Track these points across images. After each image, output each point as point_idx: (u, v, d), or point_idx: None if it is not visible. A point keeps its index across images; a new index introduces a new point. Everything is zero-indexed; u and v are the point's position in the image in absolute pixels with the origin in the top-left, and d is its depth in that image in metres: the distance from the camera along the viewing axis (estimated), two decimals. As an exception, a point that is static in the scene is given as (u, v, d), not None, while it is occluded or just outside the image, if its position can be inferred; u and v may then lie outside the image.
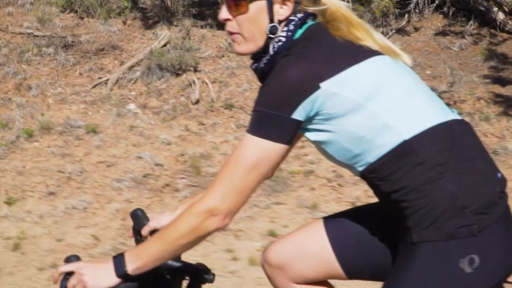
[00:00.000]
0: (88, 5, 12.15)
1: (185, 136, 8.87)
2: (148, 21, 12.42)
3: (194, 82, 10.14)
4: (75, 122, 8.94)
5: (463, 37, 10.67)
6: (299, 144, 2.36)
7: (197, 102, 9.80)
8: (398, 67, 2.39)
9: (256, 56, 2.45)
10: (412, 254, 2.31)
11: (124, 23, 12.32)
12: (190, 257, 6.61)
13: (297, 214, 7.12)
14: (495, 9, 10.43)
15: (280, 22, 2.35)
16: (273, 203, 7.28)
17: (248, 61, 9.98)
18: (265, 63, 2.39)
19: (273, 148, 2.21)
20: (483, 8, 10.60)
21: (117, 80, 10.43)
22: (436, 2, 10.94)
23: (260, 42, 2.37)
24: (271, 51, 2.37)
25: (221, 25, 11.26)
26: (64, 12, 12.53)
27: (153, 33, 11.81)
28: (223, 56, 10.96)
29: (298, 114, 2.22)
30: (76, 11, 12.42)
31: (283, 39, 2.34)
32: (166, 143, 8.58)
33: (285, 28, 2.34)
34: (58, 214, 7.24)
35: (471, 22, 10.67)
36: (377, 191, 2.46)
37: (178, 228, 2.28)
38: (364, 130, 2.27)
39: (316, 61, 2.23)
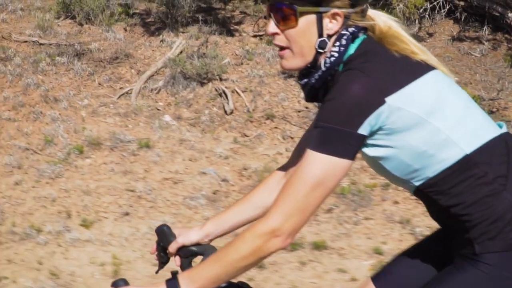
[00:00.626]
0: (89, 11, 11.69)
1: (236, 148, 8.72)
2: (150, 27, 12.12)
3: (224, 92, 9.94)
4: (124, 137, 8.64)
5: (480, 42, 10.88)
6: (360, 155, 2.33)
7: (231, 112, 9.62)
8: (450, 81, 2.40)
9: (304, 71, 2.38)
10: (472, 264, 2.32)
11: (125, 29, 11.97)
12: (299, 278, 6.54)
13: (390, 230, 7.10)
14: (511, 14, 10.65)
15: (329, 36, 2.30)
16: (362, 219, 7.24)
17: (272, 69, 9.93)
18: (316, 79, 2.34)
19: (339, 164, 2.17)
20: (497, 14, 10.82)
21: (139, 90, 10.12)
22: (447, 7, 11.04)
23: (309, 57, 2.32)
24: (322, 67, 2.32)
25: (230, 31, 11.15)
26: (58, 18, 12.06)
27: (161, 40, 11.51)
28: (242, 63, 10.80)
29: (364, 129, 2.18)
30: (73, 17, 11.96)
31: (336, 54, 2.30)
32: (223, 157, 8.40)
33: (337, 43, 2.30)
34: (145, 236, 6.97)
35: (485, 27, 10.87)
36: (433, 206, 2.44)
37: (239, 249, 2.21)
38: (426, 145, 2.26)
39: (380, 76, 2.19)
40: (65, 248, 6.81)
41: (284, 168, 2.69)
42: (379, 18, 2.37)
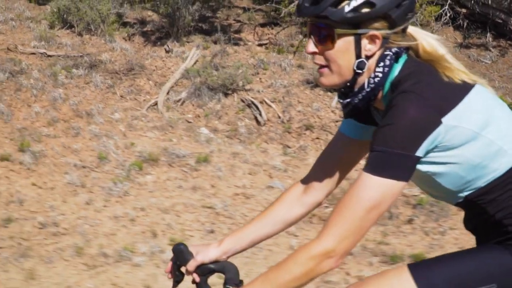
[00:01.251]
0: (89, 21, 11.39)
1: (288, 161, 8.73)
2: (150, 37, 11.93)
3: (252, 102, 9.91)
4: (179, 152, 8.49)
5: (487, 49, 11.25)
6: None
7: (264, 123, 9.61)
8: (492, 93, 2.46)
9: (344, 90, 2.41)
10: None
11: (125, 39, 11.74)
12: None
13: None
14: (514, 20, 11.11)
15: (367, 57, 2.31)
16: (448, 229, 7.38)
17: (293, 78, 10.00)
18: (360, 99, 2.37)
19: (396, 187, 2.20)
20: (500, 20, 11.23)
21: (163, 102, 9.98)
22: (448, 14, 11.38)
23: (347, 77, 2.33)
24: (366, 87, 2.35)
25: (234, 41, 11.13)
26: (53, 28, 11.69)
27: (167, 51, 11.35)
28: (257, 73, 10.80)
29: (421, 151, 2.21)
30: (70, 27, 11.63)
31: (380, 74, 2.32)
32: (282, 170, 8.40)
33: (381, 63, 2.32)
34: (243, 254, 6.87)
35: (488, 34, 11.25)
36: (478, 214, 2.48)
37: (291, 270, 2.22)
38: (481, 157, 2.31)
39: (434, 97, 2.23)
40: (164, 269, 6.63)
41: (305, 182, 2.68)
42: (421, 37, 2.39)
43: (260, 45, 11.82)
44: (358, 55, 2.28)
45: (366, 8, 2.22)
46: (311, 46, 2.32)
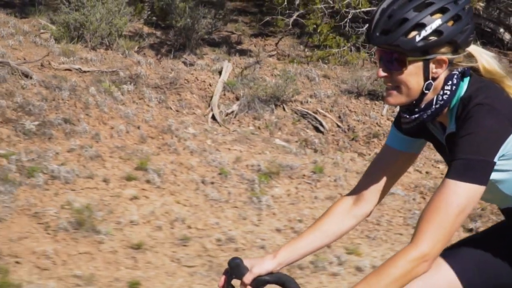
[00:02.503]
0: (104, 35, 11.10)
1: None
2: (160, 50, 11.82)
3: (307, 113, 10.19)
4: (292, 163, 8.63)
5: (475, 57, 12.22)
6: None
7: (324, 133, 9.93)
8: None
9: (409, 107, 2.60)
10: None
11: (137, 53, 11.55)
12: None
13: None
14: (502, 30, 12.16)
15: (433, 79, 2.51)
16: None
17: (327, 89, 10.41)
18: (428, 115, 2.57)
19: (478, 191, 2.39)
20: (489, 30, 12.26)
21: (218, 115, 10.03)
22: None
23: (414, 97, 2.53)
24: (434, 103, 2.55)
25: (242, 52, 11.38)
26: (59, 42, 11.26)
27: (189, 64, 11.33)
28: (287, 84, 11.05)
29: (497, 157, 2.41)
30: (81, 41, 11.26)
31: (448, 92, 2.53)
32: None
33: (449, 82, 2.52)
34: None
35: (478, 42, 12.22)
36: None
37: (391, 274, 2.37)
38: None
39: (505, 107, 2.45)
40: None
41: (354, 194, 2.85)
42: (481, 57, 2.58)
43: (270, 56, 12.03)
44: (426, 78, 2.48)
45: (435, 36, 2.41)
46: (383, 71, 2.50)
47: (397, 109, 2.72)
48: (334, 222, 2.79)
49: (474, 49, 2.56)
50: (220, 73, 10.96)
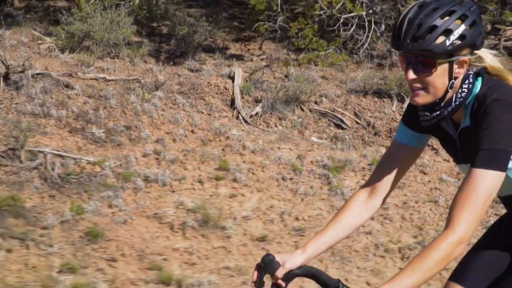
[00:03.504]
0: (111, 45, 11.25)
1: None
2: (160, 57, 12.05)
3: (326, 112, 10.79)
4: (349, 158, 9.17)
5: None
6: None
7: (346, 129, 10.57)
8: None
9: (432, 105, 2.80)
10: None
11: (146, 61, 11.77)
12: None
13: None
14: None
15: (455, 78, 2.73)
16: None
17: (335, 89, 11.09)
18: (449, 111, 2.79)
19: (501, 177, 2.58)
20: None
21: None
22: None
23: (439, 96, 2.74)
24: (454, 101, 2.78)
25: (238, 57, 11.89)
26: (63, 52, 11.29)
27: (192, 70, 11.64)
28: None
29: None
30: (86, 50, 11.33)
31: (466, 90, 2.76)
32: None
33: (466, 81, 2.76)
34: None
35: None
36: None
37: (434, 257, 2.51)
38: None
39: None
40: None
41: (369, 187, 3.03)
42: (487, 57, 2.82)
43: (262, 59, 12.52)
44: (450, 78, 2.70)
45: (460, 40, 2.64)
46: (412, 74, 2.70)
47: (405, 106, 3.22)
48: (353, 216, 2.95)
49: (481, 50, 2.78)
50: (229, 77, 11.30)
